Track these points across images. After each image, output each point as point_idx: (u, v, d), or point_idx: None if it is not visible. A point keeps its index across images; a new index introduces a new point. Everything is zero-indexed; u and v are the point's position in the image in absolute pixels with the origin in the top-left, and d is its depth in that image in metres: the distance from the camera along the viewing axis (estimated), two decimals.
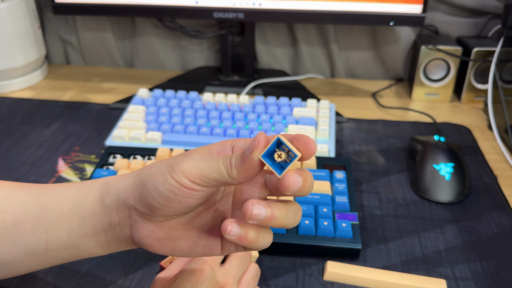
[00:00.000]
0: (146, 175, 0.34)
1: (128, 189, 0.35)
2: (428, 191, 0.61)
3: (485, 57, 0.80)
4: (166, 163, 0.34)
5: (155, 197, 0.33)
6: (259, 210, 0.31)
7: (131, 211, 0.35)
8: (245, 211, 0.31)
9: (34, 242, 0.37)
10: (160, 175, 0.33)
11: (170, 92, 0.80)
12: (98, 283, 0.48)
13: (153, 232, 0.35)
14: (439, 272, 0.50)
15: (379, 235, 0.55)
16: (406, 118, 0.80)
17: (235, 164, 0.32)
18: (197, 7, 0.79)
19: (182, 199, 0.33)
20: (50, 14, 0.97)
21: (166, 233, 0.35)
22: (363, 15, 0.76)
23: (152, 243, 0.35)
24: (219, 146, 0.35)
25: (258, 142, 0.31)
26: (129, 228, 0.36)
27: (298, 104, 0.78)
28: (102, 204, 0.36)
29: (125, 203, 0.35)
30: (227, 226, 0.32)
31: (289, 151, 0.31)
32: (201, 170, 0.32)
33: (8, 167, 0.66)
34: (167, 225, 0.35)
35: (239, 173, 0.32)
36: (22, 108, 0.82)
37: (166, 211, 0.34)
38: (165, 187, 0.33)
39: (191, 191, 0.32)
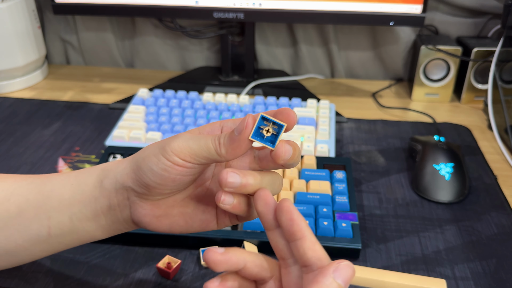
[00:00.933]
0: (140, 158, 0.36)
1: (125, 172, 0.37)
2: (428, 191, 0.61)
3: (485, 57, 0.80)
4: (158, 145, 0.36)
5: (151, 177, 0.35)
6: (233, 178, 0.34)
7: (129, 192, 0.37)
8: (220, 179, 0.34)
9: (37, 228, 0.39)
10: (153, 156, 0.35)
11: (170, 92, 0.80)
12: (98, 283, 0.48)
13: (151, 210, 0.38)
14: (439, 272, 0.50)
15: (379, 235, 0.55)
16: (406, 118, 0.80)
17: (223, 143, 0.34)
18: (197, 7, 0.79)
19: (175, 177, 0.35)
20: (50, 14, 0.97)
21: (163, 210, 0.38)
22: (363, 15, 0.76)
23: (151, 221, 0.38)
24: (209, 127, 0.38)
25: (247, 123, 0.33)
26: (128, 209, 0.38)
27: (298, 104, 0.78)
28: (101, 188, 0.38)
29: (123, 186, 0.37)
30: (220, 196, 0.35)
31: (275, 124, 0.33)
32: (191, 148, 0.34)
33: (8, 167, 0.66)
34: (164, 203, 0.38)
35: (228, 152, 0.34)
36: (22, 108, 0.83)
37: (162, 189, 0.36)
38: (159, 167, 0.35)
39: (183, 168, 0.35)
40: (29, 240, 0.39)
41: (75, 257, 0.51)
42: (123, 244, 0.53)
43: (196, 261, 0.51)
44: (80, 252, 0.52)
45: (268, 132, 0.34)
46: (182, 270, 0.50)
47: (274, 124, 0.33)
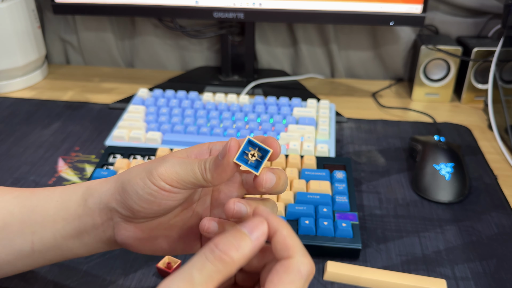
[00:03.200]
0: (126, 180, 0.36)
1: (109, 192, 0.37)
2: (428, 191, 0.61)
3: (485, 57, 0.80)
4: (145, 168, 0.35)
5: (136, 200, 0.35)
6: (240, 208, 0.33)
7: (113, 213, 0.37)
8: (227, 210, 0.33)
9: (21, 243, 0.38)
10: (139, 179, 0.35)
11: (170, 92, 0.80)
12: (98, 283, 0.48)
13: (134, 233, 0.37)
14: (439, 272, 0.50)
15: (379, 235, 0.55)
16: (406, 118, 0.80)
17: (209, 168, 0.33)
18: (197, 7, 0.79)
19: (161, 202, 0.35)
20: (50, 14, 0.97)
21: (147, 233, 0.37)
22: (363, 15, 0.76)
23: (133, 243, 0.38)
24: (197, 150, 0.37)
25: (230, 147, 0.32)
26: (112, 229, 0.37)
27: (298, 104, 0.78)
28: (85, 207, 0.37)
29: (107, 206, 0.37)
30: (205, 224, 0.35)
31: (260, 149, 0.33)
32: (178, 174, 0.34)
33: (8, 167, 0.66)
34: (148, 226, 0.37)
35: (213, 177, 0.33)
36: (22, 108, 0.82)
37: (146, 213, 0.35)
38: (145, 191, 0.34)
39: (170, 193, 0.34)
40: (12, 254, 0.39)
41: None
42: None
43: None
44: None
45: (253, 157, 0.33)
46: None
47: (260, 150, 0.33)
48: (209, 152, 0.37)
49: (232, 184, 0.37)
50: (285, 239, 0.30)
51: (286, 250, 0.30)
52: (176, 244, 0.38)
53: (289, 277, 0.29)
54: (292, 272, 0.29)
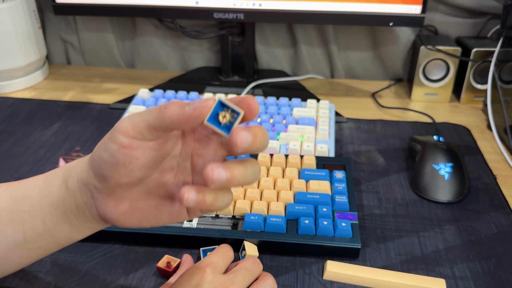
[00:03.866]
0: (94, 151, 0.35)
1: (84, 168, 0.36)
2: (427, 191, 0.61)
3: (484, 57, 0.80)
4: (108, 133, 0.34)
5: (102, 165, 0.34)
6: (219, 174, 0.31)
7: (91, 190, 0.36)
8: (206, 177, 0.31)
9: (13, 234, 0.38)
10: (102, 142, 0.34)
11: (171, 92, 0.81)
12: (98, 283, 0.48)
13: (115, 206, 0.36)
14: (439, 271, 0.50)
15: (378, 234, 0.55)
16: (405, 118, 0.81)
17: (171, 110, 0.31)
18: (198, 7, 0.79)
19: (126, 161, 0.33)
20: (51, 14, 0.97)
21: (129, 205, 0.36)
22: (362, 16, 0.77)
23: (118, 217, 0.36)
24: None
25: (207, 105, 0.31)
26: (94, 207, 0.37)
27: (298, 104, 0.78)
28: (67, 188, 0.37)
29: (84, 183, 0.36)
30: (183, 194, 0.32)
31: (232, 111, 0.32)
32: (133, 121, 0.33)
33: (9, 167, 0.67)
34: (127, 196, 0.36)
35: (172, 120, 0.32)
36: (23, 108, 0.83)
37: (117, 178, 0.34)
38: (107, 153, 0.33)
39: (131, 150, 0.33)
40: (7, 247, 0.39)
41: (75, 257, 0.51)
42: (123, 244, 0.53)
43: (197, 260, 0.51)
44: (80, 252, 0.52)
45: (224, 119, 0.32)
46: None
47: (233, 112, 0.32)
48: None
49: (210, 146, 0.35)
50: None
51: None
52: (161, 213, 0.37)
53: None
54: None
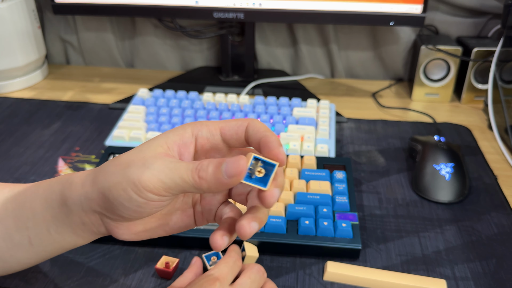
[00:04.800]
0: (106, 187, 0.33)
1: (89, 197, 0.34)
2: (428, 191, 0.61)
3: (485, 57, 0.80)
4: (124, 173, 0.32)
5: (124, 211, 0.33)
6: (254, 228, 0.33)
7: (101, 215, 0.35)
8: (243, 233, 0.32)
9: (19, 237, 0.38)
10: (122, 191, 0.32)
11: (170, 92, 0.80)
12: (98, 283, 0.48)
13: (128, 229, 0.36)
14: (439, 272, 0.50)
15: (379, 235, 0.55)
16: (406, 118, 0.80)
17: (206, 180, 0.31)
18: (197, 7, 0.79)
19: (151, 209, 0.33)
20: (50, 14, 0.97)
21: (142, 227, 0.36)
22: (363, 15, 0.76)
23: (129, 237, 0.36)
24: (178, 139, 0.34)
25: (241, 171, 0.30)
26: (103, 227, 0.36)
27: (298, 104, 0.78)
28: (68, 208, 0.36)
29: (92, 209, 0.35)
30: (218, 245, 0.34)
31: (267, 164, 0.32)
32: (165, 184, 0.31)
33: (8, 167, 0.66)
34: (141, 222, 0.36)
35: (210, 189, 0.31)
36: (22, 108, 0.83)
37: (137, 217, 0.34)
38: (132, 204, 0.32)
39: (159, 202, 0.32)
40: (13, 248, 0.39)
41: (75, 257, 0.51)
42: (123, 244, 0.53)
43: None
44: (80, 252, 0.52)
45: (260, 173, 0.32)
46: (181, 270, 0.50)
47: (267, 164, 0.32)
48: (194, 140, 0.35)
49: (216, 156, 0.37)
50: None
51: None
52: (171, 229, 0.38)
53: None
54: None
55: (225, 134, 0.35)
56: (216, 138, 0.35)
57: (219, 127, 0.35)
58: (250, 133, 0.34)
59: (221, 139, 0.35)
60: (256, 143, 0.33)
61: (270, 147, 0.32)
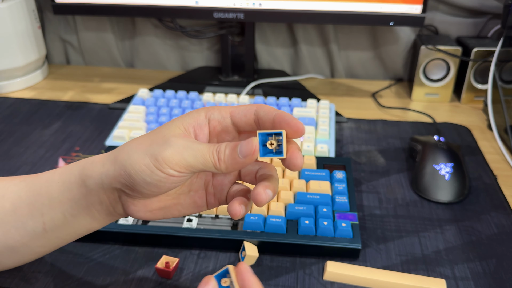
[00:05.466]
0: (127, 164, 0.35)
1: (109, 174, 0.36)
2: (428, 191, 0.61)
3: (484, 57, 0.80)
4: (146, 150, 0.34)
5: (145, 186, 0.35)
6: (268, 195, 0.35)
7: (120, 192, 0.37)
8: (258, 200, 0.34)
9: (33, 224, 0.39)
10: (144, 165, 0.34)
11: (170, 92, 0.80)
12: (98, 283, 0.48)
13: (144, 207, 0.38)
14: (439, 272, 0.50)
15: (379, 235, 0.55)
16: (406, 118, 0.80)
17: (224, 160, 0.34)
18: (197, 7, 0.79)
19: (171, 185, 0.35)
20: (50, 14, 0.97)
21: (156, 205, 0.38)
22: (363, 15, 0.77)
23: (145, 215, 0.38)
24: (193, 121, 0.37)
25: (254, 150, 0.33)
26: (120, 205, 0.38)
27: (298, 104, 0.78)
28: (87, 187, 0.37)
29: (111, 187, 0.37)
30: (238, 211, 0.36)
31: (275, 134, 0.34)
32: (186, 161, 0.34)
33: (8, 167, 0.66)
34: (156, 199, 0.38)
35: (228, 169, 0.34)
36: (23, 108, 0.83)
37: (156, 194, 0.36)
38: (153, 178, 0.34)
39: (179, 178, 0.35)
40: (27, 236, 0.40)
41: (75, 257, 0.51)
42: (123, 244, 0.53)
43: (196, 260, 0.51)
44: (80, 252, 0.52)
45: (272, 145, 0.34)
46: (181, 270, 0.50)
47: (276, 135, 0.34)
48: (207, 122, 0.37)
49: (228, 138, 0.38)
50: None
51: None
52: (185, 209, 0.39)
53: None
54: None
55: (235, 117, 0.37)
56: (227, 121, 0.37)
57: (230, 110, 0.37)
58: (261, 114, 0.36)
59: (231, 122, 0.37)
60: (270, 122, 0.35)
61: (287, 120, 0.34)
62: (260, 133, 0.34)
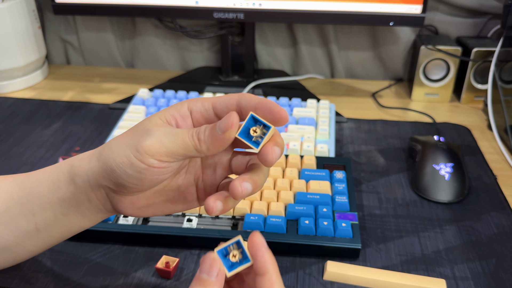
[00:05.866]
0: (110, 158, 0.34)
1: (94, 171, 0.36)
2: (427, 191, 0.61)
3: (484, 57, 0.80)
4: (128, 143, 0.34)
5: (126, 179, 0.34)
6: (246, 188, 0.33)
7: (106, 189, 0.37)
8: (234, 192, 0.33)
9: (25, 224, 0.39)
10: (125, 157, 0.34)
11: (170, 92, 0.81)
12: (98, 283, 0.48)
13: (132, 203, 0.37)
14: (439, 272, 0.50)
15: (378, 235, 0.55)
16: (405, 118, 0.80)
17: (204, 140, 0.33)
18: (197, 7, 0.79)
19: (153, 177, 0.34)
20: (51, 14, 0.97)
21: (145, 202, 0.38)
22: (363, 15, 0.77)
23: (133, 212, 0.38)
24: (176, 112, 0.36)
25: (232, 123, 0.32)
26: (109, 202, 0.38)
27: (298, 104, 0.78)
28: (76, 185, 0.37)
29: (97, 184, 0.36)
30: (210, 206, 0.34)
31: (264, 126, 0.33)
32: (167, 148, 0.33)
33: (8, 167, 0.67)
34: (144, 195, 0.38)
35: (209, 149, 0.33)
36: (23, 108, 0.83)
37: (140, 188, 0.35)
38: (133, 170, 0.34)
39: (160, 168, 0.34)
40: (20, 236, 0.40)
41: (75, 257, 0.51)
42: (123, 244, 0.53)
43: (196, 260, 0.51)
44: (80, 252, 0.52)
45: (255, 133, 0.33)
46: (181, 270, 0.50)
47: (264, 126, 0.33)
48: (189, 113, 0.36)
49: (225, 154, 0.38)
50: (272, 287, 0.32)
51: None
52: (174, 206, 0.39)
53: None
54: None
55: (217, 108, 0.36)
56: (210, 113, 0.36)
57: (212, 101, 0.36)
58: (244, 103, 0.34)
59: (213, 114, 0.36)
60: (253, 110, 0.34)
61: (269, 107, 0.33)
62: (252, 115, 0.33)
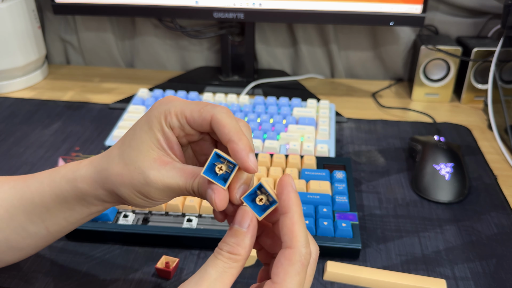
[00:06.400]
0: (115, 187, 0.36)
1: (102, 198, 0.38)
2: (428, 191, 0.61)
3: (485, 57, 0.80)
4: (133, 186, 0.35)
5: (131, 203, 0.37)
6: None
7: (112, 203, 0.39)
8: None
9: (35, 229, 0.39)
10: (132, 194, 0.35)
11: (170, 92, 0.80)
12: (98, 283, 0.48)
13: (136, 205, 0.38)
14: (439, 272, 0.50)
15: (379, 235, 0.55)
16: (406, 118, 0.80)
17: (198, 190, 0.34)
18: (197, 7, 0.79)
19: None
20: (50, 14, 0.97)
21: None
22: (363, 15, 0.77)
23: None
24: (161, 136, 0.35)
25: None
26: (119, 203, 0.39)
27: (298, 104, 0.78)
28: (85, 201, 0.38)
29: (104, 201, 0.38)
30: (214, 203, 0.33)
31: (229, 162, 0.32)
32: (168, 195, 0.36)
33: (8, 167, 0.66)
34: None
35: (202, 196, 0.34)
36: (22, 108, 0.83)
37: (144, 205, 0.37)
38: (140, 201, 0.36)
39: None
40: (29, 237, 0.40)
41: (75, 257, 0.51)
42: (123, 244, 0.53)
43: (196, 260, 0.51)
44: (80, 252, 0.52)
45: (221, 170, 0.32)
46: (181, 270, 0.50)
47: (229, 163, 0.32)
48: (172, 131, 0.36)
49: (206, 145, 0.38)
50: (293, 225, 0.31)
51: (290, 239, 0.31)
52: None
53: (293, 269, 0.31)
54: (296, 264, 0.31)
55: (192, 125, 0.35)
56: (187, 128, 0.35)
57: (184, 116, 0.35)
58: (217, 132, 0.34)
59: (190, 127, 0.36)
60: (224, 146, 0.33)
61: (239, 157, 0.32)
62: (216, 153, 0.32)
